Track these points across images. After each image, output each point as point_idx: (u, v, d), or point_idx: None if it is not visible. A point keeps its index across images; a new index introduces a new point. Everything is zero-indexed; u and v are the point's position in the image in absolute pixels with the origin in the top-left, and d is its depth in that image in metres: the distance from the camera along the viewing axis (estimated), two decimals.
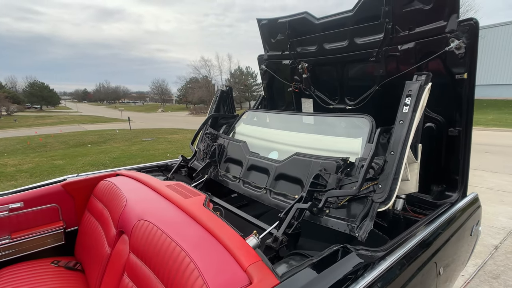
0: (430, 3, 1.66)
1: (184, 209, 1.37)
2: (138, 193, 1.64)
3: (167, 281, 1.04)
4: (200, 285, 0.90)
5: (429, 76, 1.39)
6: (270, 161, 1.90)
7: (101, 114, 44.36)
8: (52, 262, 1.84)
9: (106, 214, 1.74)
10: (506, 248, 3.20)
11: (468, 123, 1.75)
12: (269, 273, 0.91)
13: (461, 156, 1.81)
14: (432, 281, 1.27)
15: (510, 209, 4.33)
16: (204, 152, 2.41)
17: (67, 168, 6.13)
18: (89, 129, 19.65)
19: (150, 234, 1.23)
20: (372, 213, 1.25)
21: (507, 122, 16.13)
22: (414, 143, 1.51)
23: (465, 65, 1.63)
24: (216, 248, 1.05)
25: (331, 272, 0.96)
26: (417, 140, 1.52)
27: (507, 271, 2.74)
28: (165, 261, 1.08)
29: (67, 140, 12.36)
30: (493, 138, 11.38)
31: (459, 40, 1.61)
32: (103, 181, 1.99)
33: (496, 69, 25.48)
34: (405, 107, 1.35)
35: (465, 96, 1.71)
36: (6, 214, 1.75)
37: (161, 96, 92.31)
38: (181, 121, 30.16)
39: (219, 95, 2.75)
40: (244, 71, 55.62)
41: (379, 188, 1.30)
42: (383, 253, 1.11)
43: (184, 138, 12.02)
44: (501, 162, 7.33)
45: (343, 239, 1.32)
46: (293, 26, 2.42)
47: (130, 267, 1.28)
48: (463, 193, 1.82)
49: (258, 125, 2.51)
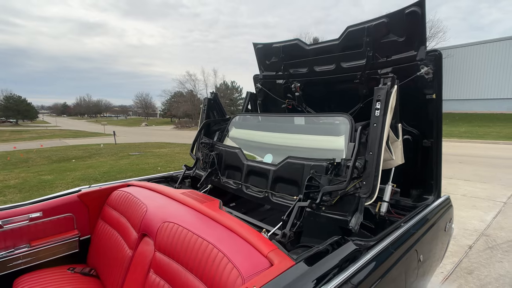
0: (403, 36, 1.98)
1: (203, 212, 1.56)
2: (157, 200, 1.81)
3: (198, 271, 1.22)
4: (231, 268, 1.10)
5: (394, 79, 1.50)
6: (266, 165, 2.07)
7: (82, 129, 43.29)
8: (68, 269, 1.95)
9: (123, 220, 1.89)
10: (478, 247, 3.53)
11: (439, 135, 2.05)
12: (286, 257, 1.13)
13: (434, 163, 2.10)
14: (414, 266, 1.51)
15: (482, 213, 4.73)
16: (204, 161, 2.55)
17: (57, 183, 6.08)
18: (71, 143, 19.21)
19: (176, 233, 1.42)
20: (361, 207, 1.48)
21: (478, 134, 17.22)
22: (394, 123, 1.67)
23: (433, 87, 1.94)
24: (238, 241, 1.26)
25: (334, 256, 1.19)
26: (396, 121, 1.69)
27: (479, 267, 3.06)
28: (194, 255, 1.27)
29: (50, 155, 12.09)
30: (466, 149, 12.14)
31: (427, 67, 1.93)
32: (116, 191, 2.14)
33: (466, 85, 27.25)
34: (376, 111, 1.48)
35: (434, 112, 2.01)
36: (26, 223, 1.87)
37: (145, 110, 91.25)
38: (167, 135, 29.97)
39: (206, 103, 2.83)
40: (229, 85, 56.28)
41: (363, 184, 1.49)
42: (374, 242, 1.35)
43: (172, 152, 12.04)
44: (473, 171, 7.89)
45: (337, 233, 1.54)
46: (286, 51, 2.70)
47: (157, 264, 1.45)
48: (437, 195, 2.11)
49: (249, 128, 2.64)
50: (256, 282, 0.99)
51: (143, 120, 78.91)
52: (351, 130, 1.74)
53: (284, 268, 1.07)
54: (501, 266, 3.10)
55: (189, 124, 49.05)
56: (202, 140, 2.64)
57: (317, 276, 1.06)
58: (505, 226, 4.22)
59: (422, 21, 1.90)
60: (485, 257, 3.30)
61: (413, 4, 1.89)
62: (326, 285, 1.02)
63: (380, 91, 1.50)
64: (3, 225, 1.77)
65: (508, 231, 4.03)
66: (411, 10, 1.89)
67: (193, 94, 55.93)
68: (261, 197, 2.04)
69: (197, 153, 2.72)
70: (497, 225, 4.26)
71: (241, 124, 2.72)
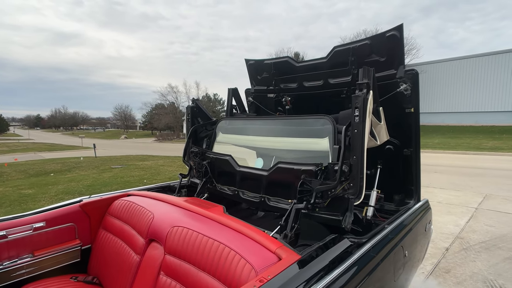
0: (384, 57, 2.23)
1: (209, 217, 1.67)
2: (162, 208, 1.90)
3: (210, 269, 1.33)
4: (244, 264, 1.23)
5: (369, 85, 1.57)
6: (258, 171, 2.13)
7: (57, 142, 41.65)
8: (71, 278, 1.98)
9: (127, 228, 1.96)
10: (454, 249, 3.81)
11: (417, 145, 2.28)
12: (292, 252, 1.27)
13: (414, 170, 2.32)
14: (401, 260, 1.69)
15: (456, 218, 5.07)
16: (197, 170, 2.60)
17: (40, 197, 5.88)
18: (48, 157, 18.49)
19: (186, 236, 1.52)
20: (351, 207, 1.62)
21: (450, 145, 18.25)
22: (376, 107, 1.80)
23: (411, 102, 2.18)
24: (247, 240, 1.38)
25: (333, 251, 1.34)
26: (377, 105, 1.83)
27: (455, 267, 3.31)
28: (206, 255, 1.38)
29: (26, 169, 11.61)
30: (440, 159, 12.84)
31: (406, 84, 2.17)
32: (118, 201, 2.20)
33: (439, 99, 28.92)
34: (356, 118, 1.56)
35: (413, 124, 2.24)
36: (30, 233, 1.90)
37: (124, 122, 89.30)
38: (148, 147, 29.45)
39: (190, 112, 2.82)
40: (212, 98, 56.42)
41: (351, 186, 1.59)
42: (366, 239, 1.51)
43: (156, 165, 11.90)
44: (448, 180, 8.39)
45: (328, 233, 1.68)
46: (277, 67, 2.91)
47: (167, 266, 1.54)
48: (417, 199, 2.33)
49: (235, 132, 2.66)
50: (268, 274, 1.12)
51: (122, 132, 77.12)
52: (334, 132, 1.83)
53: (291, 261, 1.21)
54: (474, 265, 3.36)
55: (171, 137, 48.44)
56: (192, 149, 2.66)
57: (320, 267, 1.21)
58: (476, 229, 4.55)
59: (400, 43, 2.14)
60: (460, 257, 3.57)
61: (393, 29, 2.15)
62: (329, 275, 1.17)
63: (357, 99, 1.55)
64: (7, 235, 1.80)
65: (479, 234, 4.36)
66: (391, 34, 2.14)
67: (175, 107, 55.58)
68: (257, 201, 2.14)
69: (189, 161, 2.74)
70: (469, 228, 4.59)
71: (227, 129, 2.73)
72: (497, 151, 15.28)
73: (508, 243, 3.98)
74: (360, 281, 1.27)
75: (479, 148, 16.79)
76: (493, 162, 12.05)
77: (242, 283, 1.19)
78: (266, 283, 1.05)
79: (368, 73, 1.65)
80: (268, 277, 1.09)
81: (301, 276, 1.12)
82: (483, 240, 4.12)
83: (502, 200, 6.20)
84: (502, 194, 6.72)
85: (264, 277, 1.09)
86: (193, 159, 2.64)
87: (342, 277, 1.19)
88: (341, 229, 1.63)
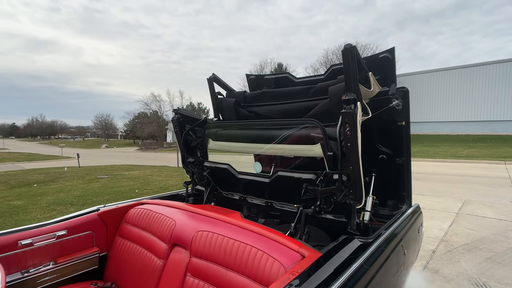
0: (378, 75, 2.47)
1: (229, 222, 1.82)
2: (182, 215, 2.03)
3: (239, 268, 1.48)
4: (272, 262, 1.39)
5: (355, 100, 1.59)
6: (260, 178, 2.23)
7: (35, 151, 40.04)
8: (91, 284, 2.05)
9: (146, 235, 2.07)
10: (440, 251, 4.09)
11: (408, 155, 2.52)
12: (313, 251, 1.44)
13: (405, 178, 2.56)
14: (402, 258, 1.90)
15: (440, 223, 5.40)
16: (200, 181, 2.70)
17: (31, 208, 5.72)
18: (28, 167, 17.82)
19: (212, 239, 1.66)
20: (354, 210, 1.82)
21: (429, 154, 19.10)
22: (364, 74, 1.89)
23: (403, 116, 2.43)
24: (270, 242, 1.54)
25: (346, 249, 1.52)
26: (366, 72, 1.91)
27: (442, 267, 3.57)
28: (234, 255, 1.52)
29: (6, 180, 11.19)
30: (420, 167, 13.43)
31: (398, 100, 2.42)
32: (133, 209, 2.30)
33: (417, 109, 30.23)
34: (348, 132, 1.62)
35: (404, 136, 2.48)
36: (53, 241, 1.97)
37: (105, 131, 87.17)
38: (131, 157, 28.90)
39: (177, 124, 2.72)
40: (196, 107, 56.28)
41: (350, 192, 1.77)
42: (372, 239, 1.71)
43: (143, 175, 11.78)
44: (428, 187, 8.85)
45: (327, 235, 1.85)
46: (278, 82, 3.11)
47: (194, 268, 1.67)
48: (409, 204, 2.56)
49: (226, 139, 2.60)
50: (298, 269, 1.28)
51: (103, 141, 75.10)
52: (325, 138, 1.88)
53: (314, 258, 1.38)
54: (459, 265, 3.64)
55: (154, 146, 47.69)
56: (188, 160, 2.73)
57: (339, 263, 1.38)
58: (459, 232, 4.88)
59: (392, 64, 2.40)
60: (446, 258, 3.84)
61: (385, 51, 2.40)
62: (348, 269, 1.35)
63: (346, 115, 1.59)
64: (33, 243, 1.87)
65: (461, 236, 4.69)
66: (384, 56, 2.40)
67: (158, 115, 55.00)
68: (265, 205, 2.30)
69: (189, 171, 2.78)
70: (452, 232, 4.92)
71: (216, 136, 2.68)
72: (473, 159, 16.18)
73: (488, 245, 4.31)
74: (374, 274, 1.45)
75: (456, 156, 17.69)
76: (469, 169, 12.76)
77: (273, 279, 1.34)
78: (299, 276, 1.21)
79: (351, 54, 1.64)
80: (298, 271, 1.25)
81: (325, 270, 1.30)
82: (465, 242, 4.44)
83: (480, 205, 6.64)
84: (479, 199, 7.19)
85: (295, 271, 1.25)
86: (192, 169, 2.72)
87: (359, 270, 1.37)
88: (342, 231, 1.82)
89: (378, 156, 2.54)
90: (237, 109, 2.74)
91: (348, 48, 1.64)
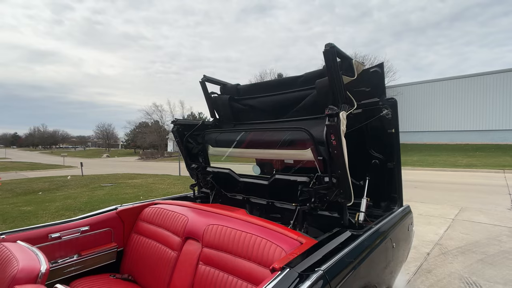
0: (369, 87, 2.73)
1: (236, 217, 2.04)
2: (193, 212, 2.25)
3: (246, 255, 1.70)
4: (275, 248, 1.61)
5: (338, 113, 1.70)
6: (259, 180, 2.42)
7: (37, 161, 40.34)
8: (110, 275, 2.26)
9: (160, 230, 2.29)
10: (434, 254, 4.27)
11: (398, 159, 2.74)
12: (310, 239, 1.66)
13: (397, 181, 2.78)
14: (390, 250, 2.11)
15: (436, 228, 5.58)
16: (205, 185, 2.93)
17: (41, 213, 5.93)
18: (31, 176, 18.04)
19: (222, 231, 1.88)
20: (345, 207, 2.05)
21: (428, 162, 19.28)
22: (349, 63, 2.02)
23: (392, 124, 2.67)
24: (273, 232, 1.76)
25: (339, 239, 1.74)
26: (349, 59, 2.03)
27: (436, 268, 3.76)
28: (241, 244, 1.75)
29: (12, 188, 11.40)
30: (419, 176, 13.62)
31: (387, 109, 2.67)
32: (148, 208, 2.53)
33: (417, 119, 30.57)
34: (333, 142, 1.77)
35: (394, 142, 2.71)
36: (78, 235, 2.20)
37: (106, 140, 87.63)
38: (133, 166, 29.12)
39: (177, 134, 2.86)
40: (197, 116, 56.76)
41: (341, 192, 1.93)
42: (362, 231, 1.93)
43: (146, 183, 11.98)
44: (427, 195, 9.03)
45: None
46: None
47: (205, 257, 1.88)
48: (400, 204, 2.78)
49: (224, 145, 2.74)
50: (296, 252, 1.50)
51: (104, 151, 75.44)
52: (314, 144, 1.98)
53: (311, 244, 1.60)
54: (452, 266, 3.82)
55: (155, 155, 47.95)
56: (192, 166, 2.94)
57: (331, 248, 1.60)
58: (453, 237, 5.06)
59: (382, 77, 2.65)
60: (440, 260, 4.02)
61: (375, 66, 2.66)
62: (339, 253, 1.56)
63: (331, 128, 1.73)
64: (61, 237, 2.09)
65: (456, 240, 4.87)
66: (374, 70, 2.66)
67: (159, 125, 55.45)
68: (266, 204, 2.51)
69: (193, 175, 2.99)
70: (447, 236, 5.10)
71: (216, 142, 2.83)
72: (472, 168, 16.35)
73: (480, 248, 4.49)
74: (362, 258, 1.67)
75: (455, 165, 17.86)
76: (468, 178, 12.94)
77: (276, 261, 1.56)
78: (297, 256, 1.44)
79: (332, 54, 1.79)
80: (297, 253, 1.48)
81: (320, 252, 1.52)
82: (459, 245, 4.62)
83: (476, 212, 6.81)
84: (476, 206, 7.36)
85: (294, 253, 1.48)
86: (195, 175, 2.94)
87: (350, 253, 1.59)
88: (337, 225, 2.04)
89: (371, 161, 2.77)
90: (232, 104, 2.85)
91: (329, 50, 1.80)
